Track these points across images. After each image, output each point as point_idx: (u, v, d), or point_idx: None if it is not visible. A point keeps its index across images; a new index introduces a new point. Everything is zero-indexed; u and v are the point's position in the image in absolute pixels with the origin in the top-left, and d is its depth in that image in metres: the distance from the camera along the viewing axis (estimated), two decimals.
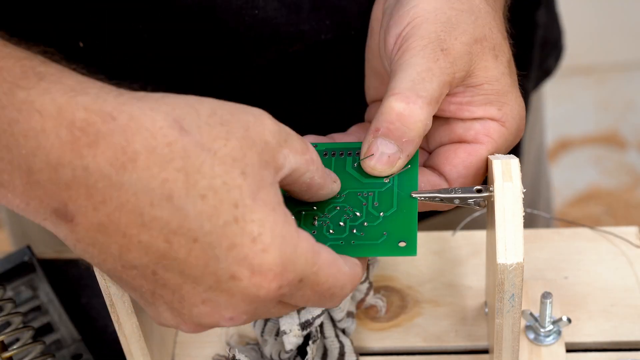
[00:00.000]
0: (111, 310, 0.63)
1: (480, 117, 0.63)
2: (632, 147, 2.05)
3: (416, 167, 0.63)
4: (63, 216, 0.50)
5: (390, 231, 0.60)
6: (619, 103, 2.12)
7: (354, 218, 0.61)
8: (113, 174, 0.49)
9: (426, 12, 0.62)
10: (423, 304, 0.76)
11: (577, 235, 0.79)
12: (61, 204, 0.50)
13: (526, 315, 0.72)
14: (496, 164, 0.60)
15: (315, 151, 0.57)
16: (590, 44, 2.16)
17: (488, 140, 0.63)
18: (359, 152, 0.64)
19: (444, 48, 0.61)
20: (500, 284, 0.59)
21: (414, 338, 0.74)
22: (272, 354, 0.71)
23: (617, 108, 2.11)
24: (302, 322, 0.68)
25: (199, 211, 0.49)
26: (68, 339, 0.76)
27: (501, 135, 0.63)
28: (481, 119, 0.63)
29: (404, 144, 0.61)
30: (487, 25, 0.62)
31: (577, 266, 0.77)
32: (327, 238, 0.61)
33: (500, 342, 0.64)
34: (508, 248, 0.59)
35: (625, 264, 0.77)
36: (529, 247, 0.78)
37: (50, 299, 0.78)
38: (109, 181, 0.49)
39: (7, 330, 0.70)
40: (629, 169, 2.02)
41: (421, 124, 0.60)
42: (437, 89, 0.60)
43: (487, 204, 0.63)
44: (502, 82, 0.62)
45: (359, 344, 0.74)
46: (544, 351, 0.71)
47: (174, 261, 0.51)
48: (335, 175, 0.61)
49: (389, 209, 0.61)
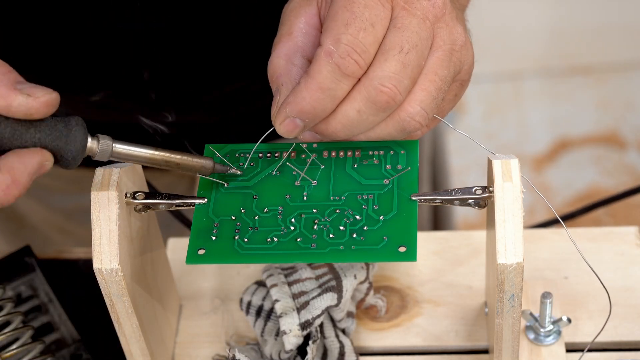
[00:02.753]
0: (111, 310, 0.63)
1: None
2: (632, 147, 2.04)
3: (416, 169, 0.63)
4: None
5: (390, 236, 0.60)
6: (619, 103, 2.12)
7: (354, 222, 0.61)
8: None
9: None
10: (423, 304, 0.76)
11: (577, 235, 0.79)
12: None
13: (526, 315, 0.72)
14: (496, 164, 0.60)
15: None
16: (590, 44, 2.16)
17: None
18: (359, 152, 0.65)
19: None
20: (500, 284, 0.59)
21: (414, 338, 0.74)
22: (272, 354, 0.71)
23: (617, 108, 2.11)
24: (302, 322, 0.68)
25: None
26: (68, 339, 0.76)
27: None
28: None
29: (276, 81, 0.63)
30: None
31: (577, 266, 0.77)
32: (328, 243, 0.61)
33: (500, 342, 0.64)
34: (508, 248, 0.59)
35: (625, 264, 0.77)
36: (529, 247, 0.78)
37: (50, 299, 0.78)
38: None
39: (7, 330, 0.70)
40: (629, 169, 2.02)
41: (278, 59, 0.62)
42: (286, 27, 0.63)
43: (487, 204, 0.63)
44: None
45: (359, 344, 0.74)
46: (544, 351, 0.71)
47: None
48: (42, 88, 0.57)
49: (388, 212, 0.61)
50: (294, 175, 0.64)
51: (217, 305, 0.77)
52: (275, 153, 0.65)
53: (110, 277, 0.61)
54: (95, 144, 0.59)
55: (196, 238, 0.62)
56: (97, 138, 0.59)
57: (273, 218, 0.62)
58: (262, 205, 0.63)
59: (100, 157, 0.60)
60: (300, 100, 0.60)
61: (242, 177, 0.65)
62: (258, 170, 0.65)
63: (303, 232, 0.61)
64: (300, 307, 0.69)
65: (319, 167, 0.64)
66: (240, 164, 0.65)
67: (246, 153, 0.66)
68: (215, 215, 0.63)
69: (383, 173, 0.63)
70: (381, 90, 0.59)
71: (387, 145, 0.64)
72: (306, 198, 0.63)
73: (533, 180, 2.00)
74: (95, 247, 0.61)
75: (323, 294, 0.69)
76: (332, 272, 0.70)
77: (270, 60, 0.63)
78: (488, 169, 0.62)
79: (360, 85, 0.60)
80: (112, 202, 0.61)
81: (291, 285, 0.70)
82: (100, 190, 0.61)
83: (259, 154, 0.66)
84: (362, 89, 0.60)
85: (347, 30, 0.59)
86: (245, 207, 0.63)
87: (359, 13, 0.59)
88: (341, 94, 0.60)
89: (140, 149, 0.61)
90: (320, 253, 0.61)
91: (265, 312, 0.72)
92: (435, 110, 0.62)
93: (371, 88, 0.60)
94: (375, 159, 0.64)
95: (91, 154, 0.59)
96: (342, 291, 0.69)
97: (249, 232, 0.62)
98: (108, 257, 0.61)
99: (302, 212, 0.62)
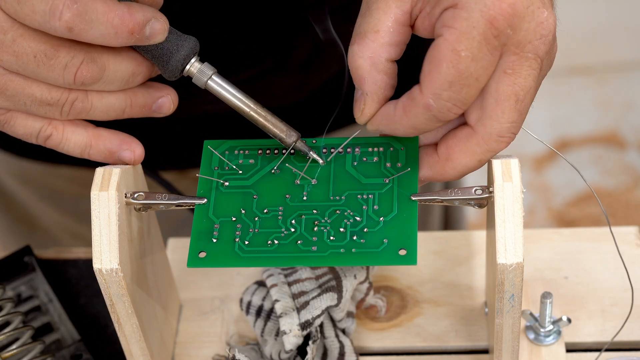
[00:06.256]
0: (111, 310, 0.63)
1: (438, 15, 0.58)
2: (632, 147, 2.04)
3: (416, 169, 0.63)
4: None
5: (390, 238, 0.60)
6: (619, 103, 2.12)
7: (355, 223, 0.61)
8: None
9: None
10: (423, 304, 0.76)
11: (577, 235, 0.79)
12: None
13: (526, 315, 0.72)
14: (496, 163, 0.60)
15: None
16: (590, 44, 2.16)
17: (445, 30, 0.57)
18: (358, 149, 0.64)
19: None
20: (500, 284, 0.59)
21: (414, 338, 0.74)
22: (272, 354, 0.71)
23: (617, 108, 2.11)
24: (302, 322, 0.68)
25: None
26: (68, 339, 0.76)
27: (458, 19, 0.56)
28: (439, 17, 0.58)
29: (360, 84, 0.61)
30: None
31: (577, 266, 0.77)
32: (328, 245, 0.61)
33: (500, 342, 0.64)
34: (508, 248, 0.59)
35: (625, 263, 0.77)
36: (529, 247, 0.78)
37: (50, 299, 0.78)
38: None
39: (7, 330, 0.70)
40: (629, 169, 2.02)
41: (362, 60, 0.60)
42: (373, 22, 0.59)
43: (487, 204, 0.63)
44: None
45: (359, 344, 0.74)
46: (544, 351, 0.71)
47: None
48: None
49: (389, 213, 0.61)
50: (294, 173, 0.64)
51: (217, 305, 0.77)
52: (274, 149, 0.65)
53: (110, 277, 0.61)
54: (198, 65, 0.62)
55: (197, 240, 0.62)
56: (201, 63, 0.62)
57: (273, 219, 0.62)
58: (262, 206, 0.63)
59: (196, 81, 0.63)
60: (392, 129, 0.61)
61: (242, 176, 0.65)
62: (257, 168, 0.65)
63: (304, 234, 0.61)
64: (300, 307, 0.69)
65: (319, 165, 0.64)
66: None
67: (245, 149, 0.66)
68: (215, 216, 0.63)
69: (383, 171, 0.63)
70: (501, 141, 0.59)
71: (386, 142, 0.64)
72: (306, 198, 0.63)
73: (533, 180, 2.00)
74: (95, 247, 0.61)
75: (323, 294, 0.69)
76: (332, 272, 0.70)
77: (353, 56, 0.60)
78: (488, 169, 0.62)
79: (480, 139, 0.60)
80: (112, 202, 0.61)
81: (291, 285, 0.70)
82: (100, 190, 0.61)
83: (258, 151, 0.66)
84: (483, 144, 0.60)
85: (450, 88, 0.57)
86: (246, 207, 0.63)
87: (465, 69, 0.56)
88: (434, 130, 0.62)
89: (232, 95, 0.63)
90: (321, 256, 0.61)
91: (265, 312, 0.72)
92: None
93: (492, 142, 0.59)
94: (375, 157, 0.64)
95: (190, 75, 0.62)
96: (342, 291, 0.69)
97: (249, 234, 0.62)
98: (108, 257, 0.61)
99: (302, 212, 0.62)
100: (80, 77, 0.59)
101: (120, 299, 0.62)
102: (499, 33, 0.56)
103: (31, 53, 0.58)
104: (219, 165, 0.65)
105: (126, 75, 0.61)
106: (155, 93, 0.64)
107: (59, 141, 0.64)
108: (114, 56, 0.60)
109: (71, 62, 0.59)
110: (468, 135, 0.60)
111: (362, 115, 0.62)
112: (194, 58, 0.62)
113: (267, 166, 0.65)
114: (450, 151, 0.61)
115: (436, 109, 0.58)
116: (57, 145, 0.64)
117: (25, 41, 0.58)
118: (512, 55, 0.58)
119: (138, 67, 0.61)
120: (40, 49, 0.58)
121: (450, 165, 0.61)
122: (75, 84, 0.60)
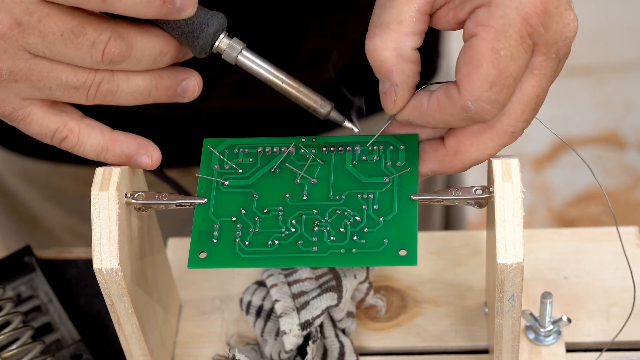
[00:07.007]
0: (111, 310, 0.63)
1: (469, 11, 0.58)
2: (632, 147, 2.04)
3: (416, 168, 0.63)
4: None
5: (390, 238, 0.60)
6: (619, 103, 2.12)
7: (355, 223, 0.61)
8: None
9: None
10: (423, 304, 0.76)
11: (577, 235, 0.79)
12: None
13: (526, 315, 0.72)
14: (496, 163, 0.60)
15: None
16: (590, 44, 2.16)
17: (481, 29, 0.56)
18: (358, 147, 0.64)
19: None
20: (500, 284, 0.59)
21: (414, 338, 0.74)
22: (272, 354, 0.71)
23: (617, 108, 2.11)
24: (302, 322, 0.68)
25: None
26: (68, 339, 0.76)
27: (494, 17, 0.56)
28: (471, 14, 0.58)
29: (388, 76, 0.59)
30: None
31: (577, 266, 0.77)
32: (328, 246, 0.61)
33: (500, 342, 0.64)
34: (508, 248, 0.59)
35: (625, 264, 0.77)
36: (529, 247, 0.78)
37: (50, 299, 0.78)
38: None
39: (7, 330, 0.70)
40: (629, 169, 2.02)
41: (388, 52, 0.59)
42: (395, 13, 0.58)
43: (487, 204, 0.63)
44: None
45: (359, 344, 0.74)
46: (544, 351, 0.71)
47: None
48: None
49: (389, 212, 0.61)
50: (294, 172, 0.64)
51: (217, 305, 0.77)
52: (274, 148, 0.65)
53: (110, 277, 0.61)
54: (227, 40, 0.61)
55: (197, 240, 0.62)
56: (230, 38, 0.61)
57: (273, 219, 0.62)
58: (263, 205, 0.63)
59: (226, 57, 0.62)
60: (424, 121, 0.60)
61: (241, 175, 0.65)
62: (257, 167, 0.65)
63: (304, 235, 0.61)
64: (300, 307, 0.69)
65: (318, 164, 0.64)
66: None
67: (245, 148, 0.66)
68: (215, 216, 0.63)
69: (383, 170, 0.63)
70: (514, 137, 0.60)
71: (386, 140, 0.64)
72: (306, 197, 0.63)
73: (533, 180, 2.00)
74: (95, 247, 0.61)
75: (323, 293, 0.69)
76: (332, 272, 0.70)
77: (375, 49, 0.59)
78: (488, 169, 0.62)
79: (495, 134, 0.60)
80: (112, 202, 0.61)
81: (291, 285, 0.70)
82: (100, 190, 0.61)
83: (258, 149, 0.65)
84: (496, 138, 0.60)
85: (491, 89, 0.56)
86: (246, 207, 0.63)
87: (504, 68, 0.56)
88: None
89: (264, 69, 0.62)
90: (321, 257, 0.61)
91: (265, 312, 0.72)
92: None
93: (505, 137, 0.60)
94: (375, 155, 0.64)
95: (219, 51, 0.61)
96: (342, 291, 0.69)
97: (249, 235, 0.62)
98: (108, 257, 0.61)
99: (303, 212, 0.62)
100: (108, 54, 0.58)
101: (120, 299, 0.62)
102: (532, 31, 0.56)
103: (58, 32, 0.57)
104: (218, 164, 0.65)
105: (154, 54, 0.60)
106: (180, 75, 0.62)
107: (75, 144, 0.62)
108: (141, 33, 0.59)
109: (99, 38, 0.57)
110: (481, 129, 0.60)
111: (395, 106, 0.60)
112: (222, 34, 0.61)
113: (267, 165, 0.65)
114: (461, 144, 0.61)
115: (474, 111, 0.57)
116: (72, 147, 0.63)
117: (51, 20, 0.57)
118: (540, 55, 0.58)
119: (165, 45, 0.60)
120: (67, 27, 0.57)
121: (459, 159, 0.61)
122: (104, 62, 0.58)
